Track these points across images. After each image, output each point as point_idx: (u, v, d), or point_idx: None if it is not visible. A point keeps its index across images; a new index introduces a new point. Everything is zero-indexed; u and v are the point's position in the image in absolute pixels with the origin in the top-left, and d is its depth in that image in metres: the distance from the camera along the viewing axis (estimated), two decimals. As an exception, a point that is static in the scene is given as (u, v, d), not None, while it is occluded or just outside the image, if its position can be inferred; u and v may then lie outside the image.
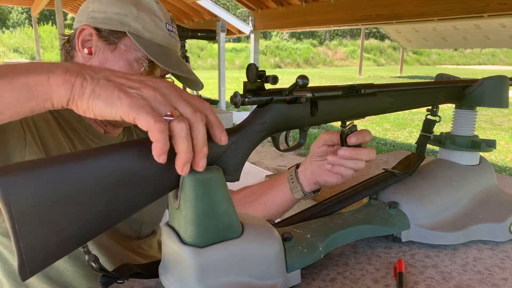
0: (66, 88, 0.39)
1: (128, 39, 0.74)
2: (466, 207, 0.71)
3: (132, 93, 0.38)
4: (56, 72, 0.39)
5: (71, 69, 0.40)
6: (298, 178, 0.75)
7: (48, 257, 0.39)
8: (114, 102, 0.37)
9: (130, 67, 0.75)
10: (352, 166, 0.66)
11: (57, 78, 0.39)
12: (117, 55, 0.75)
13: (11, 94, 0.38)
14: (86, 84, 0.39)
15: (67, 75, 0.39)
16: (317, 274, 0.59)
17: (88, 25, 0.75)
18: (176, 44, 0.82)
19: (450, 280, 0.58)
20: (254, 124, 0.52)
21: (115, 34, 0.74)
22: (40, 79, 0.39)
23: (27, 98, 0.38)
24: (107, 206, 0.40)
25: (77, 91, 0.39)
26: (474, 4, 3.50)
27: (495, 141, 0.76)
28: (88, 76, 0.39)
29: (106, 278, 0.50)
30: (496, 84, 0.72)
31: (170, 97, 0.39)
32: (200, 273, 0.46)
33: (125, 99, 0.37)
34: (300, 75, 0.50)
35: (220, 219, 0.47)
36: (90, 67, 0.41)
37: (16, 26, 23.60)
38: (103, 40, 0.75)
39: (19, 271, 0.37)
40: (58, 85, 0.39)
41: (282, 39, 28.48)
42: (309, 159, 0.75)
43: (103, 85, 0.39)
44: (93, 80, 0.39)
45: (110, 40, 0.75)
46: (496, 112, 7.88)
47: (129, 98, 0.37)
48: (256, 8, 6.43)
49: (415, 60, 26.54)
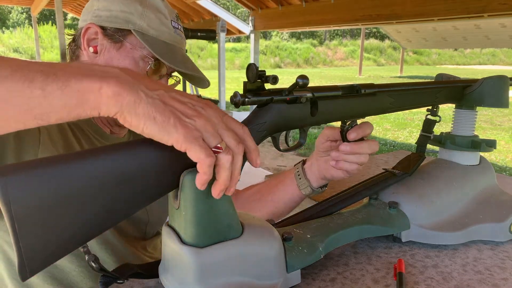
0: (116, 101, 0.37)
1: (133, 37, 0.74)
2: (466, 207, 0.71)
3: (187, 123, 0.39)
4: (109, 82, 0.37)
5: (125, 80, 0.38)
6: (306, 174, 0.75)
7: (48, 257, 0.39)
8: (170, 130, 0.38)
9: (136, 65, 0.75)
10: (355, 160, 0.67)
11: (109, 89, 0.36)
12: (122, 54, 0.75)
13: (59, 98, 0.35)
14: (140, 102, 0.37)
15: (120, 87, 0.37)
16: (317, 274, 0.59)
17: (93, 24, 0.74)
18: (182, 42, 0.81)
19: (450, 280, 0.58)
20: (254, 124, 0.52)
21: (120, 32, 0.74)
22: (91, 87, 0.36)
23: (76, 104, 0.36)
24: (107, 206, 0.40)
25: (128, 108, 0.37)
26: (474, 4, 3.50)
27: (495, 141, 0.76)
28: (142, 93, 0.38)
29: (106, 278, 0.50)
30: (496, 84, 0.72)
31: (218, 126, 0.41)
32: (200, 273, 0.46)
33: (181, 129, 0.38)
34: (300, 75, 0.50)
35: (220, 219, 0.47)
36: (144, 80, 0.40)
37: (16, 26, 23.61)
38: (108, 38, 0.75)
39: (19, 271, 0.37)
40: (109, 97, 0.37)
41: (282, 39, 28.49)
42: (315, 155, 0.75)
43: (159, 107, 0.38)
44: (148, 99, 0.38)
45: (116, 38, 0.74)
46: (496, 112, 7.88)
47: (185, 129, 0.38)
48: (256, 8, 6.43)
49: (415, 60, 26.54)
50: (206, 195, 0.44)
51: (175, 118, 0.38)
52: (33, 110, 0.35)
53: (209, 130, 0.40)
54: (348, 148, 0.66)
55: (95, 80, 0.36)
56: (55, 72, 0.36)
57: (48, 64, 0.36)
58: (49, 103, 0.35)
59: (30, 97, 0.34)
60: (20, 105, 0.34)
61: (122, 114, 0.37)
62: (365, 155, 0.67)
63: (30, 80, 0.34)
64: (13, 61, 0.35)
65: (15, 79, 0.34)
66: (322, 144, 0.72)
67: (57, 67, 0.36)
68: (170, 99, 0.39)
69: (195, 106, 0.40)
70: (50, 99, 0.35)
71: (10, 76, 0.34)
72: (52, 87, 0.35)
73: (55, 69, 0.36)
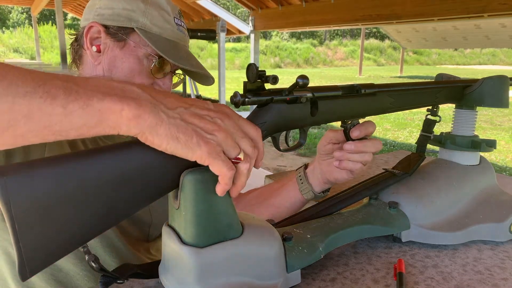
0: (137, 123, 0.37)
1: (136, 35, 0.74)
2: (466, 207, 0.71)
3: (209, 139, 0.40)
4: (130, 104, 0.36)
5: (145, 101, 0.38)
6: (308, 178, 0.74)
7: (48, 257, 0.39)
8: (193, 148, 0.39)
9: (140, 63, 0.75)
10: (359, 159, 0.66)
11: (130, 111, 0.36)
12: (126, 52, 0.74)
13: (80, 117, 0.35)
14: (161, 124, 0.38)
15: (140, 109, 0.37)
16: (317, 274, 0.59)
17: (96, 22, 0.74)
18: (185, 39, 0.81)
19: (450, 280, 0.57)
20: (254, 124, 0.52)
21: (123, 31, 0.74)
22: (113, 108, 0.36)
23: (96, 123, 0.36)
24: (107, 205, 0.40)
25: (149, 129, 0.37)
26: (474, 4, 3.50)
27: (495, 141, 0.76)
28: (163, 114, 0.38)
29: (106, 278, 0.50)
30: (496, 84, 0.72)
31: (236, 135, 0.42)
32: (200, 273, 0.46)
33: (204, 147, 0.39)
34: (300, 75, 0.50)
35: (220, 219, 0.47)
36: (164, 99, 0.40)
37: (16, 26, 23.61)
38: (111, 37, 0.74)
39: (19, 271, 0.37)
40: (130, 119, 0.37)
41: (282, 39, 28.48)
42: (317, 159, 0.74)
43: (180, 127, 0.38)
44: (169, 119, 0.38)
45: (119, 37, 0.74)
46: (496, 112, 7.88)
47: (207, 146, 0.39)
48: (256, 8, 6.43)
49: (415, 60, 26.54)
50: (206, 195, 0.44)
51: (197, 136, 0.39)
52: (53, 127, 0.35)
53: (229, 143, 0.41)
54: (352, 147, 0.65)
55: (116, 100, 0.36)
56: (76, 89, 0.35)
57: (68, 79, 0.36)
58: (70, 121, 0.35)
59: (51, 114, 0.34)
60: (40, 122, 0.34)
61: (144, 135, 0.38)
62: (369, 153, 0.66)
63: (52, 97, 0.34)
64: (35, 75, 0.34)
65: (37, 95, 0.33)
66: (324, 147, 0.72)
67: (78, 83, 0.36)
68: (190, 116, 0.40)
69: (214, 119, 0.41)
70: (71, 117, 0.35)
71: (32, 92, 0.33)
72: (74, 106, 0.35)
73: (77, 86, 0.36)
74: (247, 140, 0.43)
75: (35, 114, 0.33)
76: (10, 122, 0.33)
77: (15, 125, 0.33)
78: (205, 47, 21.94)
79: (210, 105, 0.43)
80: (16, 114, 0.33)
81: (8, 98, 0.32)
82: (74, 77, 0.37)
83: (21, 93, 0.33)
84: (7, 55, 18.20)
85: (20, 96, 0.33)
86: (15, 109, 0.33)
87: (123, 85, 0.38)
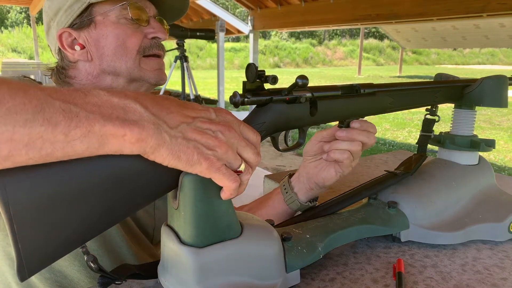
0: (140, 146, 0.37)
1: (97, 7, 0.73)
2: (466, 207, 0.71)
3: (210, 155, 0.40)
4: (132, 129, 0.36)
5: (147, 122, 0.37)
6: (292, 188, 0.73)
7: (47, 257, 0.39)
8: (194, 165, 0.40)
9: (119, 26, 0.73)
10: (347, 147, 0.64)
11: (132, 136, 0.36)
12: (101, 28, 0.73)
13: (82, 143, 0.35)
14: (163, 145, 0.38)
15: (143, 133, 0.37)
16: (317, 274, 0.59)
17: (61, 29, 0.73)
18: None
19: (450, 280, 0.58)
20: (254, 124, 0.52)
21: (84, 15, 0.73)
22: (115, 133, 0.36)
23: (98, 147, 0.36)
24: (106, 206, 0.40)
25: (152, 150, 0.38)
26: (473, 4, 3.51)
27: (494, 140, 0.76)
28: (166, 135, 0.38)
29: (104, 278, 0.50)
30: (495, 84, 0.72)
31: (237, 145, 0.43)
32: (199, 273, 0.46)
33: (204, 163, 0.40)
34: (300, 75, 0.50)
35: (219, 219, 0.47)
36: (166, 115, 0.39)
37: (14, 26, 23.57)
38: (81, 29, 0.73)
39: (17, 272, 0.37)
40: (132, 143, 0.37)
41: (281, 38, 28.49)
42: (302, 165, 0.73)
43: (182, 146, 0.39)
44: (171, 139, 0.38)
45: (85, 22, 0.73)
46: (495, 112, 7.89)
47: (207, 162, 0.40)
48: (255, 7, 6.43)
49: (414, 60, 26.56)
50: (206, 195, 0.44)
51: (198, 153, 0.39)
52: (55, 153, 0.34)
53: (230, 156, 0.42)
54: (344, 133, 0.64)
55: (118, 126, 0.36)
56: (77, 112, 0.34)
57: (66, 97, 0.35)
58: (72, 147, 0.34)
59: (53, 142, 0.33)
60: (42, 150, 0.33)
61: (145, 154, 0.38)
62: (358, 142, 0.64)
63: (54, 125, 0.33)
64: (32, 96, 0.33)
65: (37, 123, 0.32)
66: (314, 146, 0.70)
67: (77, 102, 0.35)
68: (193, 132, 0.40)
69: (216, 132, 0.41)
70: (73, 143, 0.34)
71: (32, 119, 0.32)
72: (76, 133, 0.34)
73: (76, 107, 0.35)
74: (250, 148, 0.44)
75: (36, 143, 0.33)
76: (11, 152, 0.32)
77: (16, 155, 0.32)
78: (204, 46, 21.93)
79: (212, 114, 0.43)
80: (17, 143, 0.32)
81: (8, 128, 0.31)
82: (72, 93, 0.36)
83: (20, 121, 0.32)
84: (5, 55, 18.18)
85: (20, 125, 0.32)
86: (16, 138, 0.32)
87: (124, 102, 0.37)
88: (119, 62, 0.74)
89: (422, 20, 4.30)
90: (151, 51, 0.77)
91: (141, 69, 0.76)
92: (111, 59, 0.74)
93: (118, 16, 0.73)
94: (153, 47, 0.77)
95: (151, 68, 0.78)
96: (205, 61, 20.97)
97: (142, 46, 0.76)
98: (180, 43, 2.80)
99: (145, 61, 0.77)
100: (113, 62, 0.74)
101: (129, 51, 0.74)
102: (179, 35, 2.76)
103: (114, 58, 0.74)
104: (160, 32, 0.78)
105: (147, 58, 0.77)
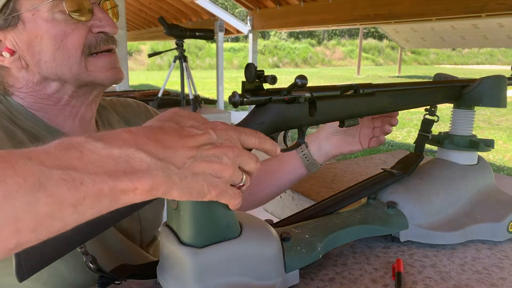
0: (151, 194, 0.36)
1: (23, 2, 0.59)
2: (465, 206, 0.71)
3: (218, 183, 0.40)
4: (142, 183, 0.34)
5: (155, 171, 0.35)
6: (312, 156, 0.80)
7: (45, 258, 0.39)
8: (205, 195, 0.40)
9: (55, 24, 0.60)
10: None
11: (143, 189, 0.34)
12: (32, 27, 0.60)
13: (92, 209, 0.32)
14: (174, 187, 0.37)
15: (154, 183, 0.35)
16: (316, 274, 0.59)
17: None
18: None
19: (449, 280, 0.58)
20: (253, 124, 0.52)
21: (5, 11, 0.59)
22: (125, 189, 0.33)
23: (108, 206, 0.33)
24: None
25: (163, 194, 0.37)
26: (472, 4, 3.51)
27: (493, 140, 0.76)
28: (175, 177, 0.37)
29: (103, 279, 0.50)
30: (494, 83, 0.72)
31: (241, 161, 0.42)
32: (198, 274, 0.45)
33: (214, 192, 0.40)
34: (299, 75, 0.50)
35: (218, 219, 0.47)
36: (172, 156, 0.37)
37: (13, 26, 23.52)
38: (6, 28, 0.60)
39: (16, 272, 0.37)
40: (143, 194, 0.35)
41: (280, 38, 28.49)
42: (324, 136, 0.80)
43: (191, 182, 0.38)
44: (181, 181, 0.37)
45: (10, 21, 0.59)
46: (494, 112, 7.90)
47: (217, 190, 0.40)
48: (254, 7, 6.43)
49: (413, 60, 26.59)
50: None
51: (207, 184, 0.39)
52: (65, 227, 0.32)
53: (235, 175, 0.42)
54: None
55: (127, 182, 0.33)
56: (80, 179, 0.31)
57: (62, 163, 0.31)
58: (83, 215, 0.32)
59: (62, 218, 0.31)
60: (52, 228, 0.31)
61: (157, 197, 0.37)
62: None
63: (60, 202, 0.30)
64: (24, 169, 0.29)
65: (41, 202, 0.29)
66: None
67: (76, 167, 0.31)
68: (199, 164, 0.39)
69: (221, 158, 0.40)
70: (83, 212, 0.32)
71: (34, 201, 0.29)
72: (86, 203, 0.31)
73: (77, 173, 0.31)
74: (251, 159, 0.43)
75: (44, 224, 0.30)
76: (19, 242, 0.29)
77: (24, 243, 0.30)
78: (203, 47, 21.93)
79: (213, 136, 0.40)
80: (24, 232, 0.29)
81: (9, 218, 0.28)
82: (64, 154, 0.32)
83: (21, 205, 0.28)
84: (4, 55, 18.11)
85: (23, 209, 0.28)
86: (21, 227, 0.29)
87: (126, 153, 0.34)
88: (61, 68, 0.63)
89: (421, 20, 4.30)
90: (98, 49, 0.65)
91: (90, 72, 0.65)
92: (50, 65, 0.62)
93: (51, 11, 0.59)
94: (100, 43, 0.65)
95: (101, 69, 0.66)
96: (204, 61, 20.97)
97: (86, 44, 0.63)
98: (179, 43, 2.79)
99: (92, 61, 0.65)
100: (55, 69, 0.63)
101: (71, 54, 0.62)
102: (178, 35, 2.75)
103: (54, 65, 0.62)
104: (107, 25, 0.65)
105: (95, 56, 0.65)
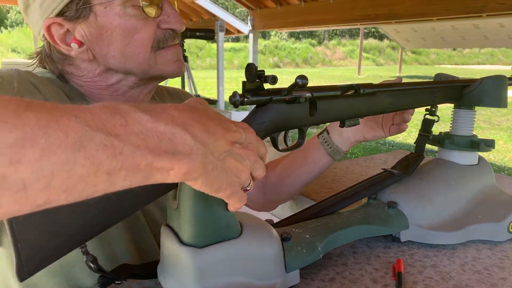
0: (183, 178, 0.34)
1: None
2: (465, 207, 0.71)
3: (235, 182, 0.40)
4: (181, 165, 0.33)
5: (195, 156, 0.34)
6: (334, 142, 0.79)
7: (46, 257, 0.39)
8: (220, 192, 0.39)
9: (127, 18, 0.60)
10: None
11: (179, 171, 0.33)
12: (104, 21, 0.59)
13: (124, 181, 0.31)
14: (203, 175, 0.36)
15: (191, 168, 0.34)
16: (316, 274, 0.59)
17: (50, 18, 0.59)
18: None
19: (449, 280, 0.58)
20: (253, 124, 0.52)
21: (78, 2, 0.58)
22: (162, 167, 0.32)
23: (140, 181, 0.32)
24: (105, 206, 0.40)
25: (191, 180, 0.36)
26: (472, 4, 3.51)
27: (493, 140, 0.76)
28: (209, 166, 0.36)
29: (104, 278, 0.50)
30: (495, 84, 0.72)
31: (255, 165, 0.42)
32: (198, 274, 0.46)
33: (228, 190, 0.40)
34: (300, 75, 0.50)
35: (218, 219, 0.47)
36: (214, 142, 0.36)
37: (14, 26, 23.55)
38: (76, 19, 0.59)
39: (17, 272, 0.37)
40: (176, 176, 0.34)
41: (281, 38, 28.49)
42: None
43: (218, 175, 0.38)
44: (212, 171, 0.36)
45: (82, 12, 0.59)
46: (495, 112, 7.89)
47: (231, 189, 0.40)
48: (254, 7, 6.43)
49: (413, 60, 26.57)
50: (205, 196, 0.44)
51: (227, 181, 0.39)
52: (94, 194, 0.30)
53: (248, 179, 0.42)
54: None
55: (167, 161, 0.32)
56: (120, 148, 0.30)
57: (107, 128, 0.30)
58: (114, 186, 0.31)
59: (95, 184, 0.29)
60: (82, 192, 0.29)
61: (186, 181, 0.36)
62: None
63: (97, 166, 0.29)
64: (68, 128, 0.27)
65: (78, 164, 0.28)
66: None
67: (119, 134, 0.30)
68: (230, 160, 0.39)
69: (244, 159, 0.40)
70: (115, 183, 0.31)
71: (73, 160, 0.27)
72: (120, 174, 0.30)
73: (119, 141, 0.30)
74: (262, 168, 0.44)
75: (77, 186, 0.28)
76: (49, 199, 0.28)
77: (53, 201, 0.28)
78: (204, 46, 21.93)
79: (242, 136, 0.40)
80: (55, 190, 0.27)
81: (45, 173, 0.26)
82: (110, 117, 0.30)
83: (59, 163, 0.27)
84: (5, 55, 18.15)
85: (59, 167, 0.27)
86: (54, 184, 0.27)
87: (172, 131, 0.33)
88: (129, 63, 0.63)
89: (421, 20, 4.30)
90: (166, 44, 0.65)
91: (158, 65, 0.65)
92: (118, 60, 0.63)
93: (124, 5, 0.59)
94: (168, 39, 0.66)
95: (169, 62, 0.66)
96: (205, 61, 20.96)
97: (155, 40, 0.64)
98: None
99: (161, 53, 0.65)
100: (122, 64, 0.63)
101: (140, 50, 0.63)
102: (179, 35, 2.77)
103: (122, 60, 0.63)
104: (176, 22, 0.65)
105: (163, 49, 0.66)
